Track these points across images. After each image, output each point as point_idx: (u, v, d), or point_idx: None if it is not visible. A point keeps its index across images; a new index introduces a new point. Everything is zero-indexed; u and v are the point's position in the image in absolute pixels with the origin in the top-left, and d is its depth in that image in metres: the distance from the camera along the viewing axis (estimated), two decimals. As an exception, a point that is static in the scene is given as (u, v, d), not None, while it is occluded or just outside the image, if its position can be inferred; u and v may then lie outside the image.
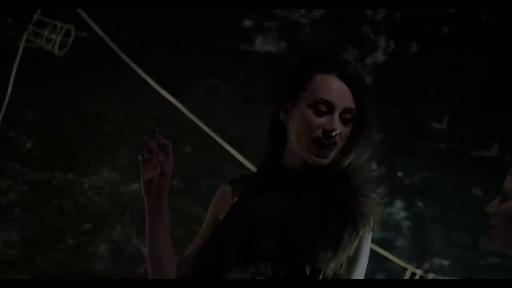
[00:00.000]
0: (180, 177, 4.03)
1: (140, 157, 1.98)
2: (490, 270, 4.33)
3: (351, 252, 1.89)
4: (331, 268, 1.86)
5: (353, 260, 1.93)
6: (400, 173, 4.28)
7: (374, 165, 2.08)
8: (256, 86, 4.29)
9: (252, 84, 4.29)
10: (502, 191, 1.72)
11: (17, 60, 4.00)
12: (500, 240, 1.70)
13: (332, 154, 1.92)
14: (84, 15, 3.99)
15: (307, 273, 1.84)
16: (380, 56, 4.36)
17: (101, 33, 4.03)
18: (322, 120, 1.91)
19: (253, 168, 3.95)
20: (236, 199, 2.00)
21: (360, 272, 1.95)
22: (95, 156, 4.25)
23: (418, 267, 4.22)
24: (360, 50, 4.33)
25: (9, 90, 3.99)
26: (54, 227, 4.21)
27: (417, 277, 4.17)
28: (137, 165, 4.36)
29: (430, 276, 4.20)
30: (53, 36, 3.91)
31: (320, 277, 1.86)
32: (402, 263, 4.18)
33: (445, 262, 4.29)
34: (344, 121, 1.92)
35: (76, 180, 4.24)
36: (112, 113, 4.26)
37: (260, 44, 4.31)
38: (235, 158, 4.02)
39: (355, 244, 1.89)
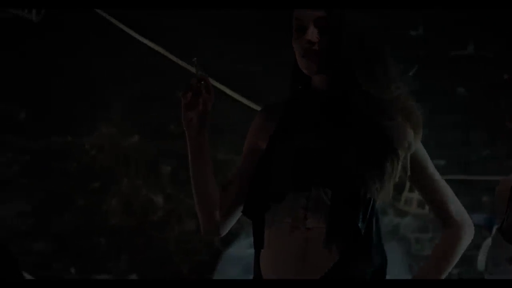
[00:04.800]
0: (176, 122, 4.08)
1: (181, 96, 2.01)
2: (483, 162, 4.47)
3: (396, 179, 1.98)
4: (379, 196, 1.96)
5: (422, 176, 2.05)
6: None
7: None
8: (237, 22, 4.30)
9: (232, 20, 4.31)
10: None
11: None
12: None
13: (320, 59, 1.99)
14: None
15: (362, 201, 1.93)
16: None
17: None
18: (300, 36, 2.00)
19: (248, 104, 4.01)
20: (275, 126, 2.06)
21: (432, 170, 2.07)
22: (90, 115, 4.27)
23: (417, 171, 4.33)
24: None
25: (-7, 64, 3.99)
26: (63, 191, 4.25)
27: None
28: (132, 116, 4.42)
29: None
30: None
31: (370, 206, 1.95)
32: (401, 169, 4.29)
33: (441, 162, 4.40)
34: (321, 30, 1.97)
35: (75, 141, 4.27)
36: (97, 69, 4.27)
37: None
38: (228, 95, 4.07)
39: (400, 166, 1.98)
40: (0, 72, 4.06)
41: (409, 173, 2.00)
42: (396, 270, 3.74)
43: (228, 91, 4.05)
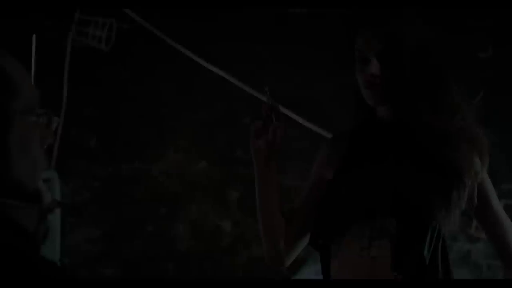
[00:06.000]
0: (243, 148, 4.09)
1: (251, 124, 2.02)
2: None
3: (463, 207, 1.96)
4: (446, 225, 1.94)
5: (485, 208, 2.01)
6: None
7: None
8: (299, 47, 4.31)
9: (295, 45, 4.31)
10: None
11: (67, 62, 4.07)
12: None
13: (383, 91, 1.97)
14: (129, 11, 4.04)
15: (427, 230, 1.91)
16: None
17: (141, 21, 4.07)
18: (362, 68, 1.99)
19: (315, 129, 4.00)
20: (340, 156, 2.05)
21: (497, 204, 2.04)
22: (158, 141, 4.32)
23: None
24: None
25: (65, 91, 4.06)
26: (132, 217, 4.30)
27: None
28: (200, 142, 4.43)
29: (501, 202, 4.23)
30: (97, 33, 3.96)
31: (435, 235, 1.93)
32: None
33: (513, 186, 4.32)
34: (383, 62, 1.96)
35: (143, 167, 4.32)
36: (165, 97, 4.32)
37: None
38: (295, 121, 4.06)
39: (467, 194, 1.95)
40: (72, 99, 4.14)
41: (476, 201, 1.98)
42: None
43: (295, 117, 4.05)
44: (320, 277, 2.07)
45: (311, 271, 3.92)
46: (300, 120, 4.01)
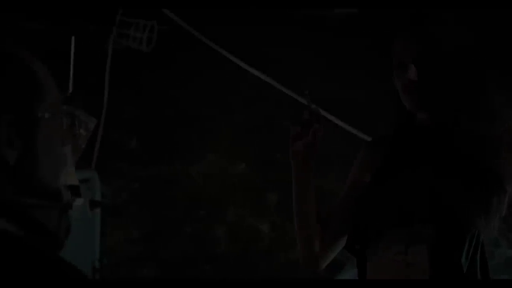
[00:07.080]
0: (282, 151, 4.08)
1: (291, 127, 2.03)
2: None
3: (502, 213, 1.94)
4: (485, 231, 1.92)
5: None
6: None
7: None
8: (338, 51, 4.29)
9: (336, 48, 4.30)
10: None
11: (108, 63, 4.09)
12: None
13: (421, 97, 1.96)
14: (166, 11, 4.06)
15: (465, 237, 1.90)
16: None
17: (183, 24, 4.08)
18: (400, 73, 1.98)
19: (355, 133, 3.98)
20: (379, 161, 2.05)
21: None
22: (198, 143, 4.34)
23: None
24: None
25: (106, 93, 4.09)
26: (171, 218, 4.33)
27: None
28: (239, 144, 4.45)
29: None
30: (138, 34, 3.98)
31: (474, 242, 1.91)
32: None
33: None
34: (421, 67, 1.95)
35: (183, 169, 4.35)
36: (206, 99, 4.34)
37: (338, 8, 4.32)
38: (335, 124, 4.05)
39: (507, 201, 1.94)
40: (113, 101, 4.17)
41: None
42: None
43: (335, 120, 4.03)
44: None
45: (349, 276, 3.91)
46: (340, 123, 4.00)
